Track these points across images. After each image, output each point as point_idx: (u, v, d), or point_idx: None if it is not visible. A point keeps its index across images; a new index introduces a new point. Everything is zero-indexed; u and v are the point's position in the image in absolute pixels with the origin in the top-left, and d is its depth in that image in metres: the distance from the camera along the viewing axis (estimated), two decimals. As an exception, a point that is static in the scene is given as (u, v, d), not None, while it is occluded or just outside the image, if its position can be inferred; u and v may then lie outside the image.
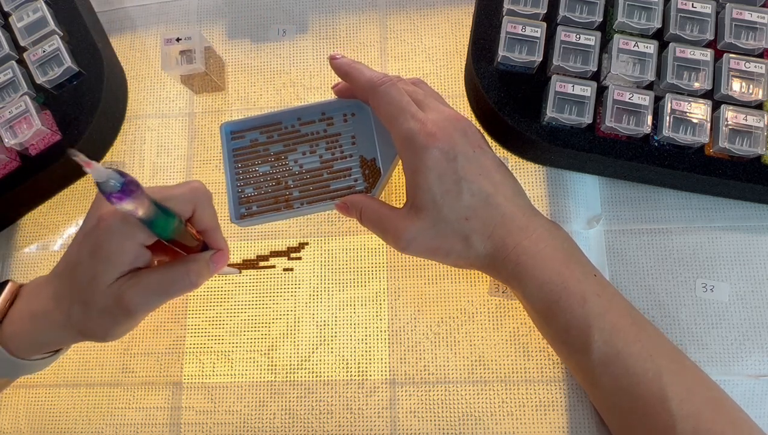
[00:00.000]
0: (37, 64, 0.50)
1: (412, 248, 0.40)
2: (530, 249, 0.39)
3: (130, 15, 0.58)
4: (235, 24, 0.57)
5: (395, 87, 0.41)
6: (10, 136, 0.48)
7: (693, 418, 0.35)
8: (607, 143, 0.45)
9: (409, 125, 0.39)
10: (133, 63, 0.57)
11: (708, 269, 0.46)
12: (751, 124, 0.43)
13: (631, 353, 0.37)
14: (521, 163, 0.50)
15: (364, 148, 0.46)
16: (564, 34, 0.45)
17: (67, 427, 0.48)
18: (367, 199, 0.43)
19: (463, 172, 0.39)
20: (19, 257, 0.53)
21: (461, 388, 0.46)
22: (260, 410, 0.47)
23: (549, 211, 0.48)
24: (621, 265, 0.47)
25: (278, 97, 0.54)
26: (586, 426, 0.43)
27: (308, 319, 0.49)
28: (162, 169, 0.54)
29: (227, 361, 0.48)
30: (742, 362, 0.44)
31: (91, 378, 0.49)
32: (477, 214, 0.39)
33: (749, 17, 0.44)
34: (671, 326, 0.45)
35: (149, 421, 0.48)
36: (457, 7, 0.55)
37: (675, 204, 0.48)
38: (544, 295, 0.39)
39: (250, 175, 0.47)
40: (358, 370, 0.47)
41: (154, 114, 0.55)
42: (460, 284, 0.48)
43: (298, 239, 0.51)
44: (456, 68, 0.53)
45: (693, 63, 0.44)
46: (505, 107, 0.46)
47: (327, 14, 0.56)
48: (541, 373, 0.45)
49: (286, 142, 0.47)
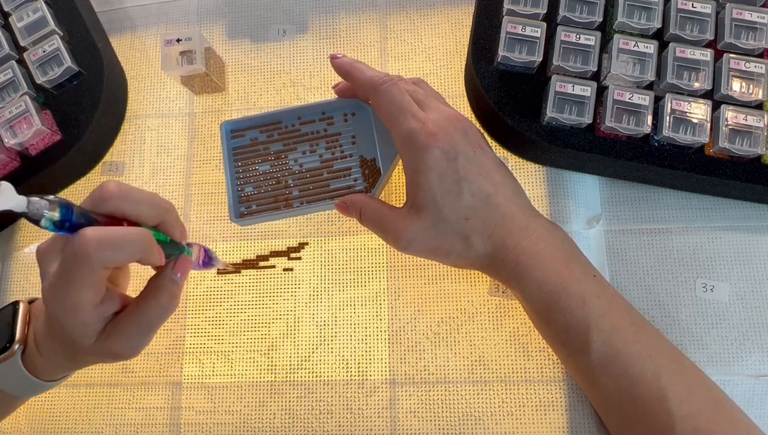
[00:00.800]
0: (37, 64, 0.50)
1: (412, 248, 0.40)
2: (530, 249, 0.39)
3: (130, 15, 0.58)
4: (235, 24, 0.57)
5: (396, 86, 0.41)
6: (10, 136, 0.48)
7: (692, 418, 0.35)
8: (607, 143, 0.45)
9: (410, 125, 0.39)
10: (133, 63, 0.57)
11: (708, 269, 0.46)
12: (751, 124, 0.43)
13: (631, 354, 0.37)
14: (521, 163, 0.50)
15: (364, 147, 0.46)
16: (564, 34, 0.45)
17: (67, 427, 0.48)
18: (366, 198, 0.43)
19: (464, 172, 0.39)
20: (19, 257, 0.53)
21: (461, 388, 0.46)
22: (260, 410, 0.47)
23: (549, 211, 0.48)
24: (621, 265, 0.47)
25: (278, 97, 0.54)
26: (586, 426, 0.43)
27: (308, 319, 0.49)
28: (162, 169, 0.54)
29: (227, 361, 0.48)
30: (742, 362, 0.44)
31: (91, 378, 0.49)
32: (477, 214, 0.39)
33: (749, 17, 0.44)
34: (671, 326, 0.45)
35: (149, 421, 0.48)
36: (457, 7, 0.55)
37: (675, 204, 0.48)
38: (544, 296, 0.39)
39: (250, 174, 0.47)
40: (358, 370, 0.47)
41: (154, 114, 0.55)
42: (460, 284, 0.48)
43: (298, 239, 0.51)
44: (456, 68, 0.53)
45: (693, 63, 0.44)
46: (505, 107, 0.46)
47: (327, 14, 0.56)
48: (541, 373, 0.45)
49: (286, 141, 0.47)
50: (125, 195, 0.33)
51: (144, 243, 0.33)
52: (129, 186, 0.33)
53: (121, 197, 0.33)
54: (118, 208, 0.33)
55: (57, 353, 0.37)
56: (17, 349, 0.37)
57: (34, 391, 0.40)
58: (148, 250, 0.33)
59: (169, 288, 0.35)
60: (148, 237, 0.33)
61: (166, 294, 0.35)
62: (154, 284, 0.36)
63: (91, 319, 0.34)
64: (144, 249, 0.33)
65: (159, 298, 0.35)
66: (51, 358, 0.37)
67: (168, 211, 0.35)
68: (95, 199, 0.33)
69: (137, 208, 0.33)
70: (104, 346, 0.35)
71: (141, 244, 0.33)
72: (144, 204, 0.34)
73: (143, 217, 0.34)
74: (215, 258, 0.42)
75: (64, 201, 0.30)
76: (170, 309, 0.36)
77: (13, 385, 0.38)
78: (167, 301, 0.35)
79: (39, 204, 0.29)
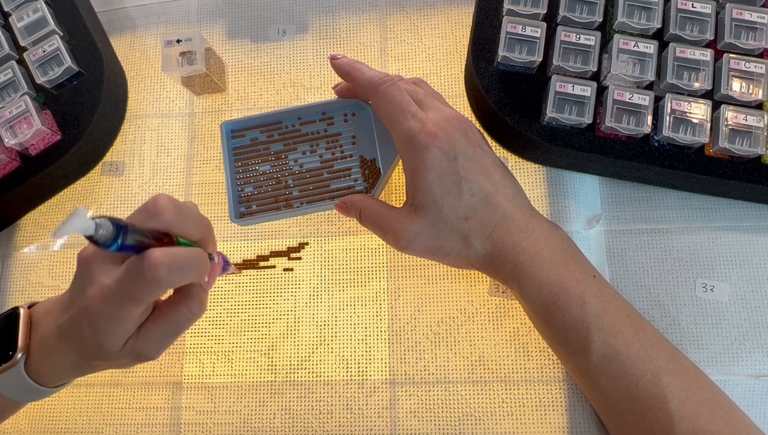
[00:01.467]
0: (37, 64, 0.50)
1: (412, 248, 0.40)
2: (529, 250, 0.39)
3: (130, 15, 0.58)
4: (235, 24, 0.57)
5: (396, 86, 0.41)
6: (10, 136, 0.48)
7: (691, 419, 0.35)
8: (607, 143, 0.45)
9: (410, 125, 0.39)
10: (133, 63, 0.57)
11: (708, 269, 0.46)
12: (751, 124, 0.43)
13: (630, 354, 0.37)
14: (521, 163, 0.50)
15: (364, 148, 0.46)
16: (564, 34, 0.45)
17: (67, 427, 0.48)
18: (366, 198, 0.43)
19: (464, 172, 0.39)
20: (19, 257, 0.53)
21: (461, 388, 0.46)
22: (260, 410, 0.47)
23: (549, 211, 0.48)
24: (621, 265, 0.47)
25: (278, 97, 0.54)
26: (586, 426, 0.43)
27: (308, 319, 0.49)
28: (162, 169, 0.54)
29: (227, 361, 0.48)
30: (742, 362, 0.44)
31: (91, 378, 0.49)
32: (477, 214, 0.39)
33: (749, 17, 0.44)
34: (671, 326, 0.45)
35: (149, 421, 0.48)
36: (457, 7, 0.55)
37: (675, 204, 0.48)
38: (543, 296, 0.39)
39: (250, 174, 0.47)
40: (358, 370, 0.47)
41: (154, 114, 0.55)
42: (460, 284, 0.48)
43: (298, 239, 0.51)
44: (456, 68, 0.53)
45: (693, 63, 0.44)
46: (505, 107, 0.46)
47: (327, 14, 0.56)
48: (541, 373, 0.45)
49: (286, 141, 0.47)
50: (177, 209, 0.33)
51: (204, 265, 0.34)
52: (177, 200, 0.33)
53: (172, 211, 0.33)
54: (169, 222, 0.33)
55: (68, 358, 0.36)
56: (20, 358, 0.37)
57: (35, 398, 0.39)
58: (205, 272, 0.34)
59: (199, 295, 0.35)
60: (206, 259, 0.34)
61: (196, 301, 0.35)
62: (185, 291, 0.35)
63: (131, 328, 0.34)
64: (204, 272, 0.34)
65: (189, 304, 0.35)
66: (58, 363, 0.37)
67: (208, 227, 0.36)
68: (149, 213, 0.32)
69: (185, 223, 0.34)
70: (132, 350, 0.34)
71: (202, 266, 0.33)
72: (191, 219, 0.34)
73: (190, 234, 0.34)
74: (229, 262, 0.43)
75: (120, 221, 0.29)
76: (198, 315, 0.36)
77: (16, 392, 0.38)
78: (197, 308, 0.35)
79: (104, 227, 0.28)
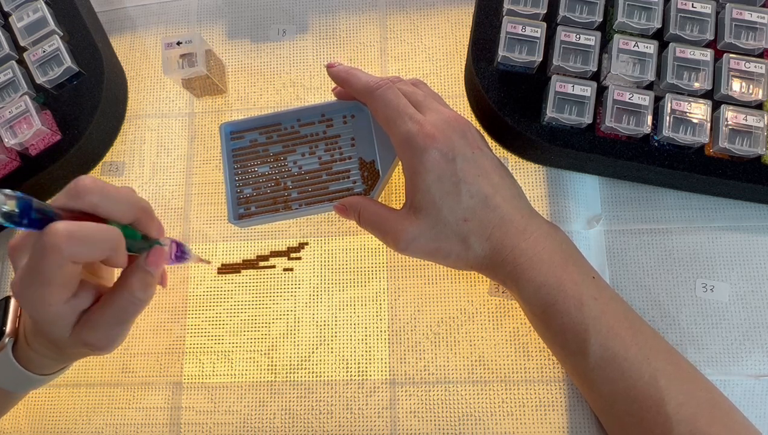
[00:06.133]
0: (37, 64, 0.50)
1: (411, 250, 0.40)
2: (528, 251, 0.39)
3: (130, 15, 0.58)
4: (235, 24, 0.57)
5: (392, 90, 0.41)
6: (10, 136, 0.48)
7: (689, 421, 0.35)
8: (607, 143, 0.45)
9: (408, 127, 0.39)
10: (133, 63, 0.57)
11: (708, 269, 0.46)
12: (751, 124, 0.43)
13: (627, 357, 0.37)
14: (521, 163, 0.50)
15: (364, 150, 0.46)
16: (564, 34, 0.45)
17: (67, 427, 0.48)
18: (365, 200, 0.43)
19: (462, 174, 0.39)
20: (19, 257, 0.53)
21: (461, 388, 0.46)
22: (260, 410, 0.47)
23: (549, 211, 0.48)
24: (621, 265, 0.47)
25: (278, 98, 0.54)
26: (586, 426, 0.44)
27: (308, 319, 0.49)
28: (162, 169, 0.54)
29: (227, 361, 0.48)
30: (742, 362, 0.44)
31: (91, 378, 0.49)
32: (476, 216, 0.39)
33: (749, 17, 0.44)
34: (671, 326, 0.45)
35: (149, 421, 0.48)
36: (457, 7, 0.55)
37: (675, 204, 0.48)
38: (541, 298, 0.39)
39: (249, 175, 0.47)
40: (358, 370, 0.47)
41: (154, 114, 0.55)
42: (460, 284, 0.48)
43: (298, 239, 0.51)
44: (456, 68, 0.53)
45: (693, 63, 0.44)
46: (505, 107, 0.46)
47: (327, 14, 0.56)
48: (541, 373, 0.45)
49: (285, 143, 0.47)
50: (101, 191, 0.32)
51: (114, 241, 0.32)
52: (104, 182, 0.33)
53: (96, 193, 0.32)
54: (92, 203, 0.32)
55: (44, 347, 0.37)
56: (7, 342, 0.38)
57: (29, 385, 0.40)
58: (116, 250, 0.32)
59: (142, 277, 0.34)
60: (118, 236, 0.32)
61: (138, 283, 0.34)
62: (126, 274, 0.35)
63: (64, 312, 0.33)
64: (113, 247, 0.32)
65: (131, 287, 0.34)
66: (40, 352, 0.38)
67: (143, 209, 0.35)
68: (70, 193, 0.32)
69: (111, 205, 0.33)
70: (79, 339, 0.34)
71: (111, 241, 0.32)
72: (118, 201, 0.33)
73: (116, 214, 0.33)
74: (188, 252, 0.41)
75: (23, 195, 0.29)
76: (144, 300, 0.35)
77: (7, 380, 0.39)
78: (139, 291, 0.34)
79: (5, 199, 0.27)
